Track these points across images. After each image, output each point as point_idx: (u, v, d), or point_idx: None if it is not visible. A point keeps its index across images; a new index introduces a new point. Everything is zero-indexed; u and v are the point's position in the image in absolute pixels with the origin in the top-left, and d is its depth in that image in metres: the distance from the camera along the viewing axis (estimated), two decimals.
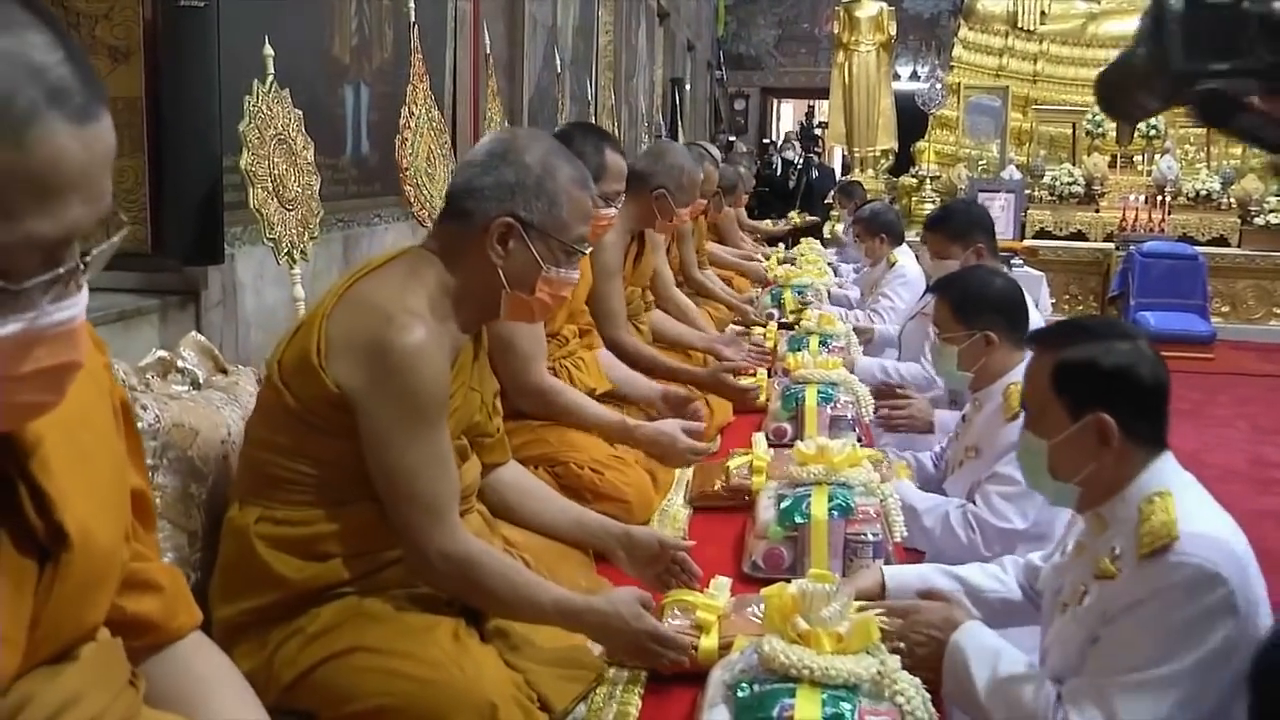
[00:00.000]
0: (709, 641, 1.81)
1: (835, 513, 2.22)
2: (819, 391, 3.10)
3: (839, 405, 3.09)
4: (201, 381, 1.87)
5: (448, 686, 1.56)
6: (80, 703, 1.00)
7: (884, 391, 3.45)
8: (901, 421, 3.31)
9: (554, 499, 2.19)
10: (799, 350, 3.67)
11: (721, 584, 1.99)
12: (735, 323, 4.94)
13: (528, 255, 1.77)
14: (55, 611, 0.97)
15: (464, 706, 1.54)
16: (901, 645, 1.76)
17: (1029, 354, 1.92)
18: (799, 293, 5.11)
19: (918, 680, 1.56)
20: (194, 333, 1.99)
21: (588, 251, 1.88)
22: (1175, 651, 1.55)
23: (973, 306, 2.83)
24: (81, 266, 0.84)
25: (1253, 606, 1.59)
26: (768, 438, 2.86)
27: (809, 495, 2.26)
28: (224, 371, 1.94)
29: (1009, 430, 2.46)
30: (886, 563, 2.22)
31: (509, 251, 1.76)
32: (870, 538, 2.20)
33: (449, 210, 1.82)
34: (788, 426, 3.09)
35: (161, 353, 1.83)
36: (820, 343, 3.85)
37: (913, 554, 2.61)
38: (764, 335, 4.48)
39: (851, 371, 3.52)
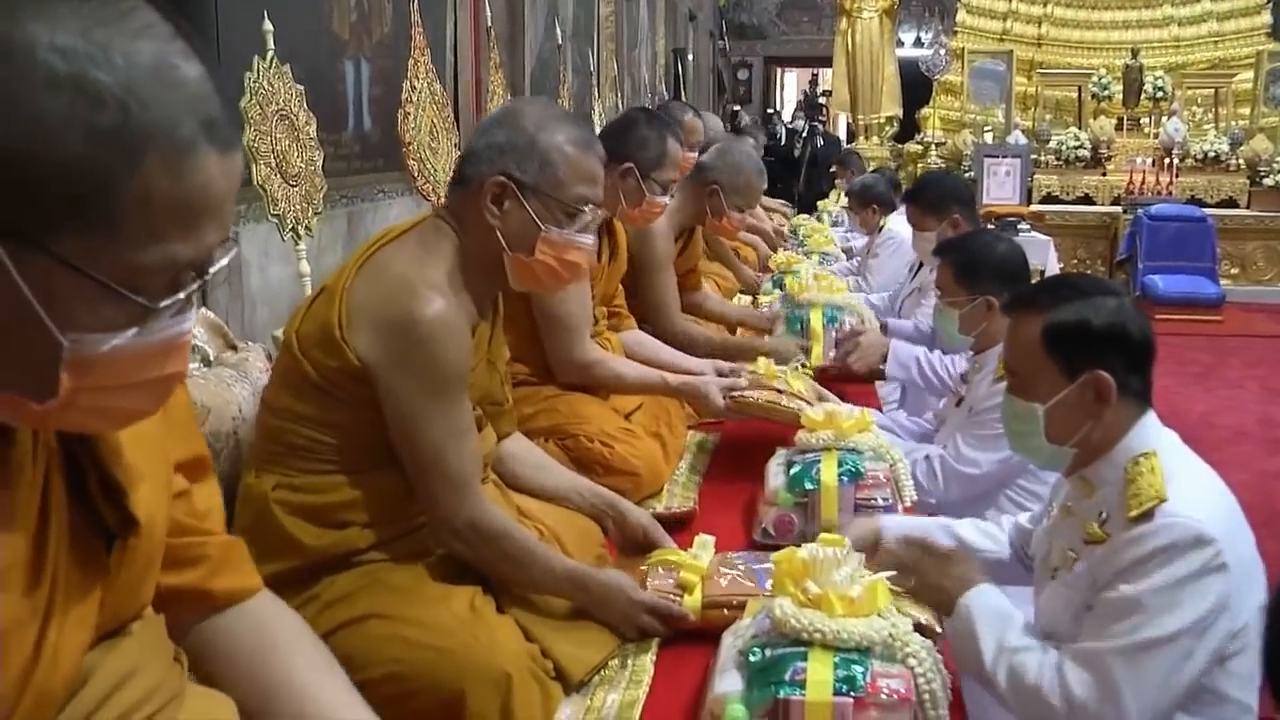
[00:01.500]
0: (692, 600, 1.84)
1: (845, 478, 2.22)
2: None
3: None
4: (212, 359, 1.87)
5: (462, 656, 1.56)
6: (138, 676, 1.03)
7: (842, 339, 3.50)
8: (854, 360, 3.36)
9: (553, 467, 2.21)
10: (796, 275, 3.64)
11: (705, 542, 2.01)
12: (742, 291, 4.91)
13: (523, 215, 1.76)
14: (118, 592, 1.00)
15: (478, 676, 1.54)
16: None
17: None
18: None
19: (930, 643, 1.56)
20: (204, 309, 1.99)
21: (589, 211, 1.83)
22: (1167, 613, 1.55)
23: (975, 271, 2.86)
24: (200, 283, 0.88)
25: (1243, 563, 1.58)
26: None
27: (818, 461, 2.26)
28: (233, 348, 1.94)
29: (996, 389, 2.49)
30: None
31: (504, 211, 1.76)
32: (880, 502, 2.20)
33: (454, 177, 1.84)
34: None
35: None
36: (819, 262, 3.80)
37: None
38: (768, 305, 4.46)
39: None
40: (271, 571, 1.65)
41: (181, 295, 0.85)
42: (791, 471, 2.27)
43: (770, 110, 19.05)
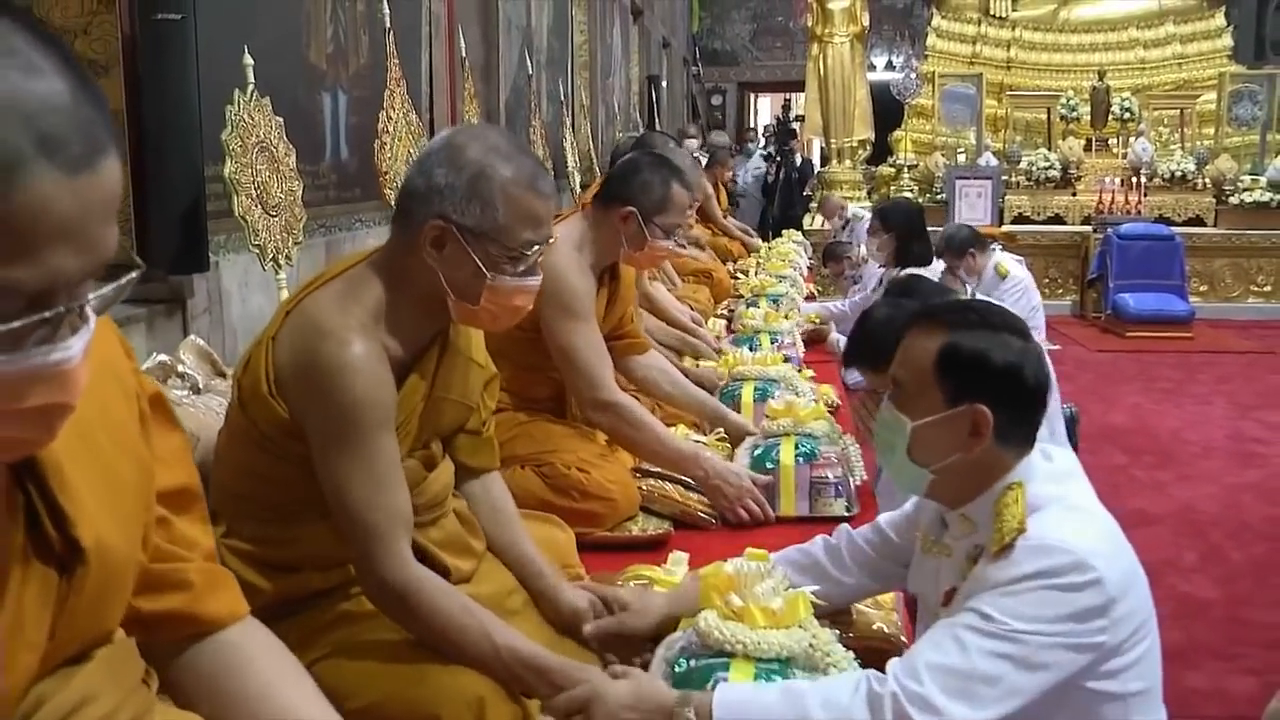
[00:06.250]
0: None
1: (801, 459, 2.58)
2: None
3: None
4: (201, 386, 1.88)
5: (434, 680, 1.57)
6: (92, 703, 1.01)
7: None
8: None
9: (506, 526, 1.94)
10: (741, 347, 3.60)
11: (679, 558, 2.08)
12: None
13: (466, 259, 1.66)
14: (71, 620, 0.99)
15: (452, 698, 1.55)
16: None
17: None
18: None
19: (850, 653, 1.58)
20: (193, 337, 2.01)
21: (535, 252, 1.71)
22: (1010, 614, 1.48)
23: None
24: (78, 310, 0.83)
25: (1123, 576, 1.54)
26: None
27: (779, 444, 2.63)
28: (222, 375, 1.95)
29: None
30: (848, 504, 2.54)
31: (445, 255, 1.67)
32: (832, 479, 2.58)
33: (395, 212, 1.77)
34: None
35: (162, 357, 1.84)
36: (770, 340, 3.84)
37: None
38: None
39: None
40: None
41: (31, 319, 0.79)
42: (755, 454, 2.64)
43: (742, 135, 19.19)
